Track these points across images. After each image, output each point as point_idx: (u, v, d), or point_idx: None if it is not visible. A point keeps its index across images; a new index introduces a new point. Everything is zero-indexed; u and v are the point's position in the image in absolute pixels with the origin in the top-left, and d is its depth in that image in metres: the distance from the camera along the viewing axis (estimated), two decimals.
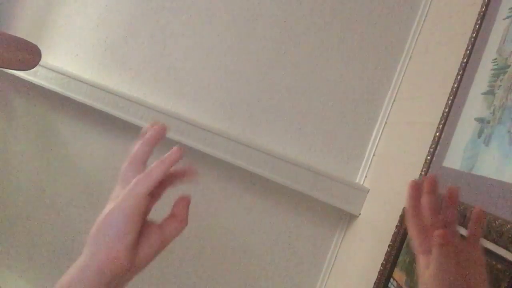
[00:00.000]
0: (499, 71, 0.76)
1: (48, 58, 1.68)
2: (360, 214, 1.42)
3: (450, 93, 0.93)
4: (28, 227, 1.76)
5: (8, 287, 1.72)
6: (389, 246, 0.99)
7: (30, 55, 1.42)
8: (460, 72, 0.92)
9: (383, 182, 1.32)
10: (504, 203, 0.63)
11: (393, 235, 0.99)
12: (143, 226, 0.49)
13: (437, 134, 0.93)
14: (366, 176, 1.48)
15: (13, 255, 1.78)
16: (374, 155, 1.48)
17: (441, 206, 0.58)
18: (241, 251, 1.59)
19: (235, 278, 1.59)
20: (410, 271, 0.87)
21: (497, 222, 0.62)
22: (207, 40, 1.60)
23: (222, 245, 1.60)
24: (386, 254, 1.00)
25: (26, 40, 1.44)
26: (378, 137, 1.49)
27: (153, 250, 0.50)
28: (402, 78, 1.46)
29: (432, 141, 0.94)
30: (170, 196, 0.54)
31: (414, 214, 0.58)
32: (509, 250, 0.59)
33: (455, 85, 0.92)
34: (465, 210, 0.71)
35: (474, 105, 0.82)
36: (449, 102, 0.93)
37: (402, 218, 0.97)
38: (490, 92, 0.77)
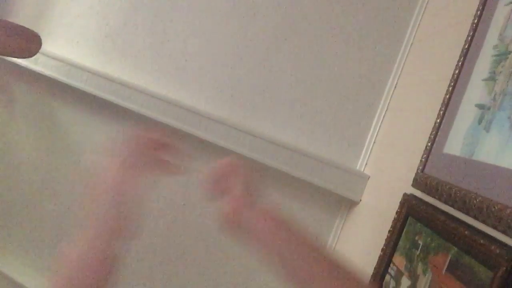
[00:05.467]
0: (500, 57, 0.75)
1: (48, 45, 1.68)
2: (360, 200, 1.43)
3: (451, 80, 0.93)
4: (30, 214, 1.78)
5: (14, 274, 1.74)
6: (389, 231, 1.00)
7: (30, 43, 1.42)
8: (461, 59, 0.91)
9: (383, 169, 1.33)
10: (503, 188, 0.64)
11: (393, 221, 1.00)
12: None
13: (438, 120, 0.93)
14: (366, 163, 1.49)
15: (16, 243, 1.80)
16: (374, 142, 1.49)
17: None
18: None
19: (235, 265, 1.61)
20: (410, 256, 0.88)
21: (496, 207, 0.62)
22: (207, 27, 1.60)
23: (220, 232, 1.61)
24: (386, 239, 1.01)
25: (26, 28, 1.43)
26: (379, 124, 1.49)
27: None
28: (403, 65, 1.45)
29: (433, 127, 0.95)
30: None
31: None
32: (508, 235, 0.60)
33: (456, 71, 0.92)
34: (465, 196, 0.72)
35: (475, 91, 0.82)
36: (450, 88, 0.93)
37: (402, 204, 0.98)
38: (491, 78, 0.77)
